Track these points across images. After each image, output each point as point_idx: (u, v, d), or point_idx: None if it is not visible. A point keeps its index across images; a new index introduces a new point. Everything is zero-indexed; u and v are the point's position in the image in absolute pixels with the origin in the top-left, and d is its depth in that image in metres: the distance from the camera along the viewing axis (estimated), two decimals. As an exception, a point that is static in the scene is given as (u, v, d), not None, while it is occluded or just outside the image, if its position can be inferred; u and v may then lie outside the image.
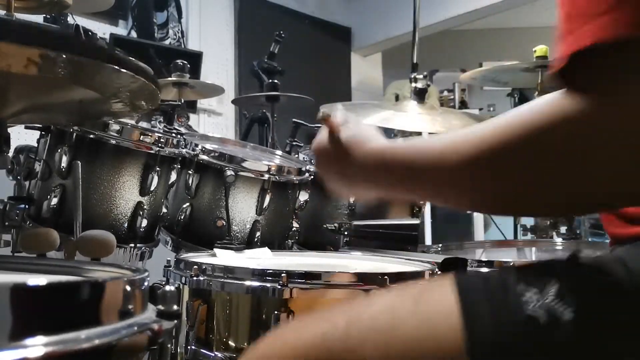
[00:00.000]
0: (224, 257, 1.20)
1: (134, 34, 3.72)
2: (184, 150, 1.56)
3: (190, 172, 1.56)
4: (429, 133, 1.75)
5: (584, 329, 0.54)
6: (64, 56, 0.72)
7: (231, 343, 0.99)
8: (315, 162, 0.84)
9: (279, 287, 0.93)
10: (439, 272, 1.06)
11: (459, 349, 0.55)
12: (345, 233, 1.53)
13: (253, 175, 1.56)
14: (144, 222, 1.47)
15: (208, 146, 1.60)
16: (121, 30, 3.72)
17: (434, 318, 0.57)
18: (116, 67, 0.77)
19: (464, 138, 0.58)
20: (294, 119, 2.50)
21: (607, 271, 0.56)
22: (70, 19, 3.05)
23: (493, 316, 0.55)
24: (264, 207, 1.55)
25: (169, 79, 2.33)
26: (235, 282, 0.98)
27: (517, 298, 0.55)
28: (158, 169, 1.47)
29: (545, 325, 0.53)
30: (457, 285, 0.59)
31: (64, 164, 1.37)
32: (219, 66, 4.20)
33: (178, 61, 2.37)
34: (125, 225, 1.45)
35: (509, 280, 0.57)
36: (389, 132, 4.31)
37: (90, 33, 1.77)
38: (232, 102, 3.42)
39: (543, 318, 0.53)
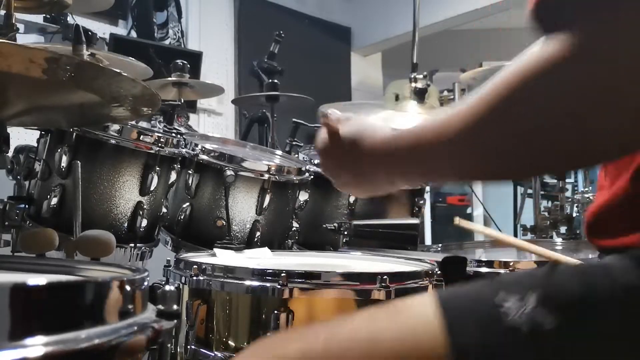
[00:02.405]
0: (223, 257, 1.20)
1: (133, 34, 3.72)
2: (184, 150, 1.56)
3: (190, 172, 1.56)
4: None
5: (565, 337, 0.53)
6: (67, 59, 0.72)
7: (231, 343, 0.99)
8: (321, 163, 0.82)
9: (279, 286, 0.93)
10: (439, 272, 1.07)
11: (442, 358, 0.54)
12: (345, 233, 1.53)
13: (253, 175, 1.56)
14: (144, 222, 1.47)
15: (208, 146, 1.60)
16: (121, 30, 3.72)
17: (416, 327, 0.57)
18: (117, 71, 0.77)
19: (463, 104, 0.57)
20: (293, 119, 2.50)
21: (588, 278, 0.56)
22: (70, 19, 3.05)
23: (476, 326, 0.55)
24: (263, 207, 1.55)
25: (169, 78, 2.33)
26: (235, 281, 0.98)
27: (496, 309, 0.55)
28: (158, 168, 1.47)
29: (527, 335, 0.53)
30: (438, 297, 0.58)
31: (63, 163, 1.37)
32: (219, 66, 4.20)
33: (178, 61, 2.37)
34: (125, 225, 1.45)
35: (489, 290, 0.57)
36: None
37: (90, 33, 1.77)
38: (232, 102, 3.42)
39: (524, 328, 0.53)
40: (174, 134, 1.61)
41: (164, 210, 1.55)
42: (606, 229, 0.67)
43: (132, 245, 1.46)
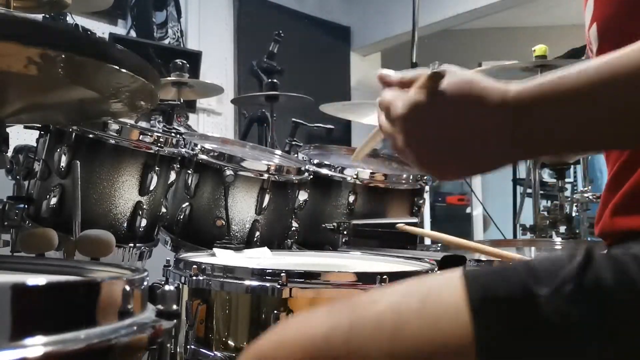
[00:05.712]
0: (223, 256, 1.20)
1: (133, 34, 3.72)
2: (183, 149, 1.56)
3: (189, 171, 1.56)
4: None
5: (599, 331, 0.52)
6: (64, 56, 0.72)
7: (230, 342, 0.99)
8: (403, 130, 0.62)
9: (279, 286, 0.93)
10: (438, 271, 1.06)
11: (468, 351, 0.53)
12: (344, 232, 1.53)
13: (252, 175, 1.55)
14: (144, 222, 1.47)
15: (207, 146, 1.60)
16: (120, 29, 3.72)
17: (442, 318, 0.55)
18: (115, 66, 0.77)
19: None
20: (293, 119, 2.50)
21: (622, 270, 0.53)
22: (69, 19, 3.05)
23: (505, 317, 0.53)
24: (263, 206, 1.55)
25: (168, 78, 2.33)
26: (235, 281, 0.98)
27: (531, 299, 0.53)
28: (157, 168, 1.47)
29: (560, 328, 0.52)
30: (467, 283, 0.56)
31: (63, 163, 1.37)
32: (218, 66, 4.20)
33: (177, 61, 2.36)
34: (125, 225, 1.45)
35: (522, 278, 0.55)
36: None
37: (89, 32, 1.77)
38: (232, 101, 3.42)
39: (557, 321, 0.52)
40: (173, 134, 1.61)
41: (164, 210, 1.55)
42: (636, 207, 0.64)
43: (132, 245, 1.46)
